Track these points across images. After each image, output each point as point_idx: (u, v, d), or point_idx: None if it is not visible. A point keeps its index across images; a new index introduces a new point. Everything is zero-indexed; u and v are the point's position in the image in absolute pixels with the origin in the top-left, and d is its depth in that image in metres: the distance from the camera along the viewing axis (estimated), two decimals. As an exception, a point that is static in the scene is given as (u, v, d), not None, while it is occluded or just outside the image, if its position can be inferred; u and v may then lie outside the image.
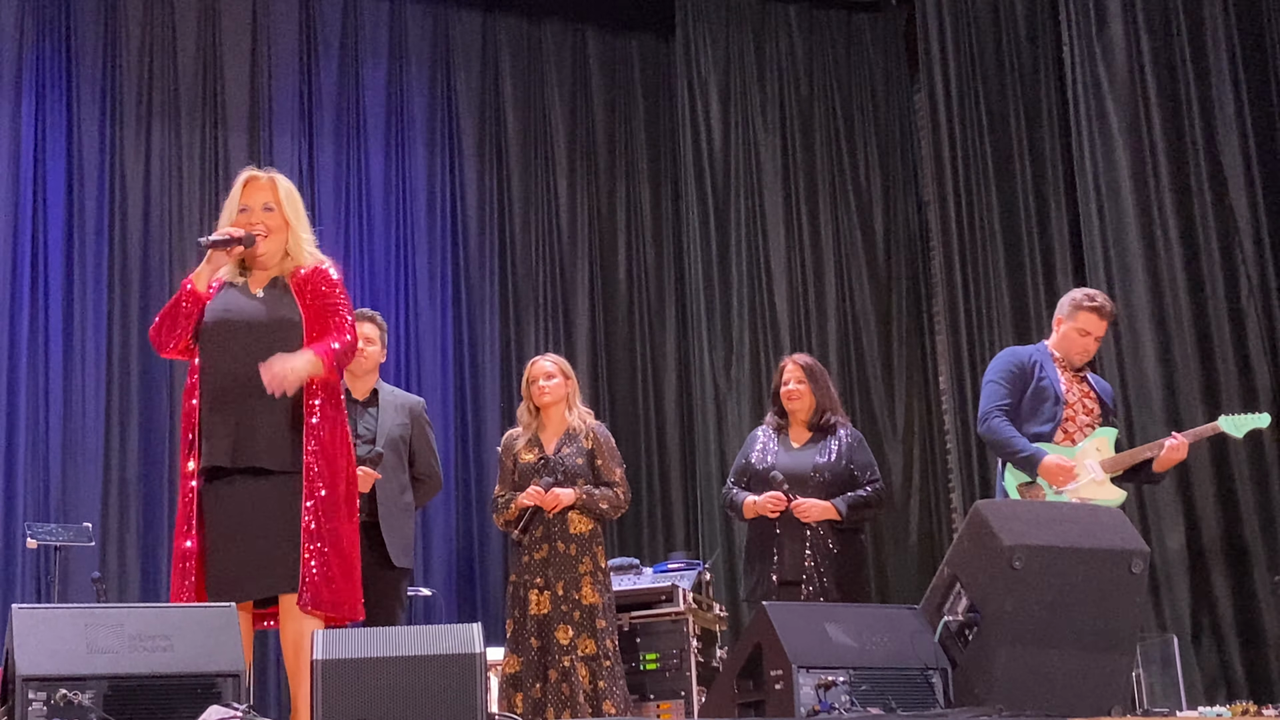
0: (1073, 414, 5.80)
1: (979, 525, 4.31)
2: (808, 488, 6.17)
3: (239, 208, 4.56)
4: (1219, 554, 7.23)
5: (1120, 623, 4.32)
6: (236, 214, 4.56)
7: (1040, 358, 5.89)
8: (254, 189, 4.59)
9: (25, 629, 3.49)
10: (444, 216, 9.29)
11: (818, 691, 4.01)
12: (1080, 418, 5.81)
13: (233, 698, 3.51)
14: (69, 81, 8.48)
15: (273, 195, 4.58)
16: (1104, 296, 6.04)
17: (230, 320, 4.46)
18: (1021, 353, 6.00)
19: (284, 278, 4.56)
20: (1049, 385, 5.79)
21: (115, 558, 8.02)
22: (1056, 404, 5.76)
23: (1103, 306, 5.93)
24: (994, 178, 8.75)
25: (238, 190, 4.60)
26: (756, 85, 9.71)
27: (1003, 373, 5.89)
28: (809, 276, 9.51)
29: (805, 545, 6.12)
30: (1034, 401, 5.79)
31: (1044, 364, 5.86)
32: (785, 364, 6.49)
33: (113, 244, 8.42)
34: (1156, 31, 7.76)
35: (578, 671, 5.78)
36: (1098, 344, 5.98)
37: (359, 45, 9.26)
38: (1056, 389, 5.79)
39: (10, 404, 7.99)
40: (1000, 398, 5.83)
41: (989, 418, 5.81)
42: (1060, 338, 5.93)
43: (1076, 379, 5.90)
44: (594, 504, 6.02)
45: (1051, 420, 5.75)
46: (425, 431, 6.22)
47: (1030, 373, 5.82)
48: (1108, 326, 5.98)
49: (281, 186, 4.61)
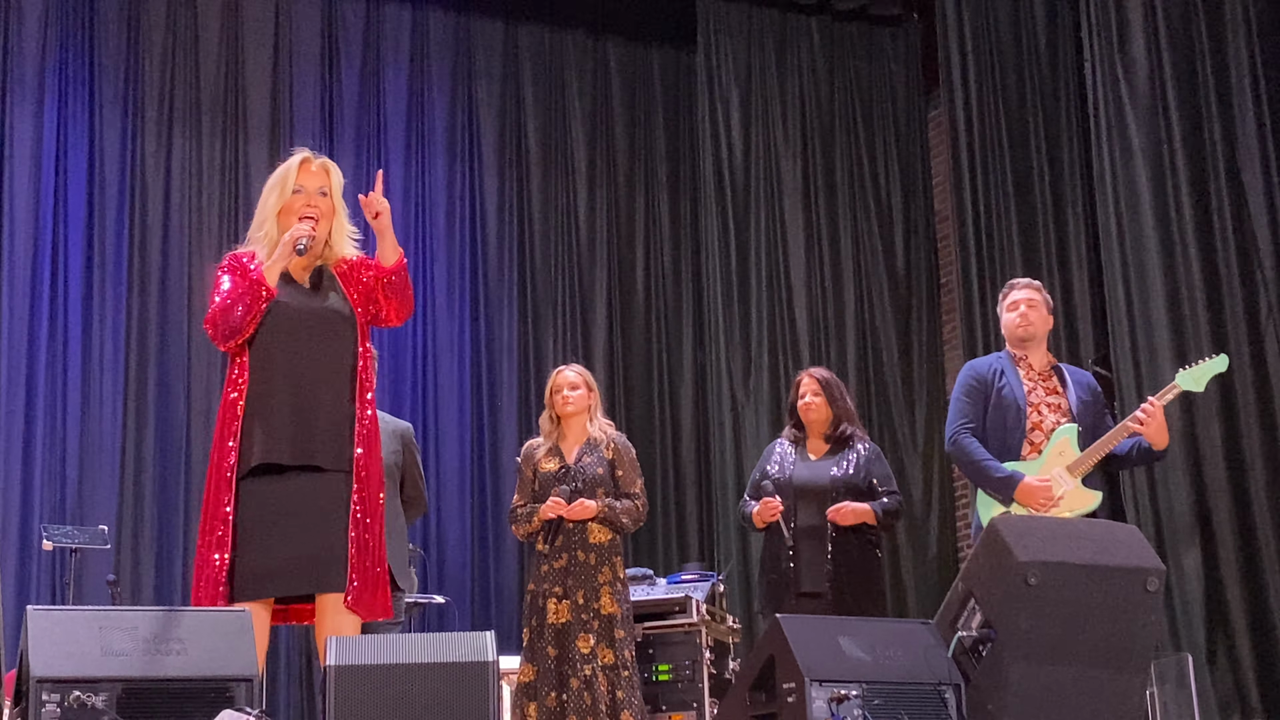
0: (1039, 419, 5.72)
1: (994, 541, 4.30)
2: (826, 500, 6.21)
3: (294, 188, 4.46)
4: (1235, 572, 7.20)
5: (1135, 641, 4.30)
6: (290, 194, 4.46)
7: (1000, 364, 5.84)
8: (310, 172, 4.49)
9: (40, 631, 3.50)
10: (463, 224, 9.31)
11: (830, 705, 4.01)
12: (1047, 420, 5.72)
13: (246, 702, 3.52)
14: (91, 87, 8.51)
15: (327, 180, 4.50)
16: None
17: (285, 315, 4.37)
18: (980, 364, 5.97)
19: (329, 267, 4.50)
20: (1009, 393, 5.73)
21: (130, 561, 8.04)
22: (1019, 412, 5.69)
23: (1016, 281, 6.04)
24: (1013, 193, 8.74)
25: (293, 171, 4.48)
26: (777, 97, 9.71)
27: (963, 387, 5.86)
28: (828, 288, 9.51)
29: (824, 557, 6.14)
30: (997, 414, 5.73)
31: (1004, 370, 5.80)
32: (801, 377, 6.58)
33: (132, 249, 8.45)
34: (1178, 49, 7.75)
35: (595, 682, 5.77)
36: (1034, 310, 5.88)
37: (380, 53, 9.29)
38: (1017, 395, 5.72)
39: (29, 406, 8.01)
40: (964, 415, 5.80)
41: (956, 437, 5.79)
42: (1004, 329, 5.94)
43: (1043, 378, 5.83)
44: (615, 517, 6.02)
45: (1017, 429, 5.68)
46: (415, 456, 6.30)
47: (990, 384, 5.78)
48: (1035, 293, 5.92)
49: (334, 173, 4.53)
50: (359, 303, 4.47)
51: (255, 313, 4.33)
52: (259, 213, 4.55)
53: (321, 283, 4.48)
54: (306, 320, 4.38)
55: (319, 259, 4.49)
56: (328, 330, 4.40)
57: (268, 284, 4.34)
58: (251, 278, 4.35)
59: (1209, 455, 7.32)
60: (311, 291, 4.44)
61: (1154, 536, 7.29)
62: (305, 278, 4.47)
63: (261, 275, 4.35)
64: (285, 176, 4.49)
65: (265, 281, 4.34)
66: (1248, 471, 7.20)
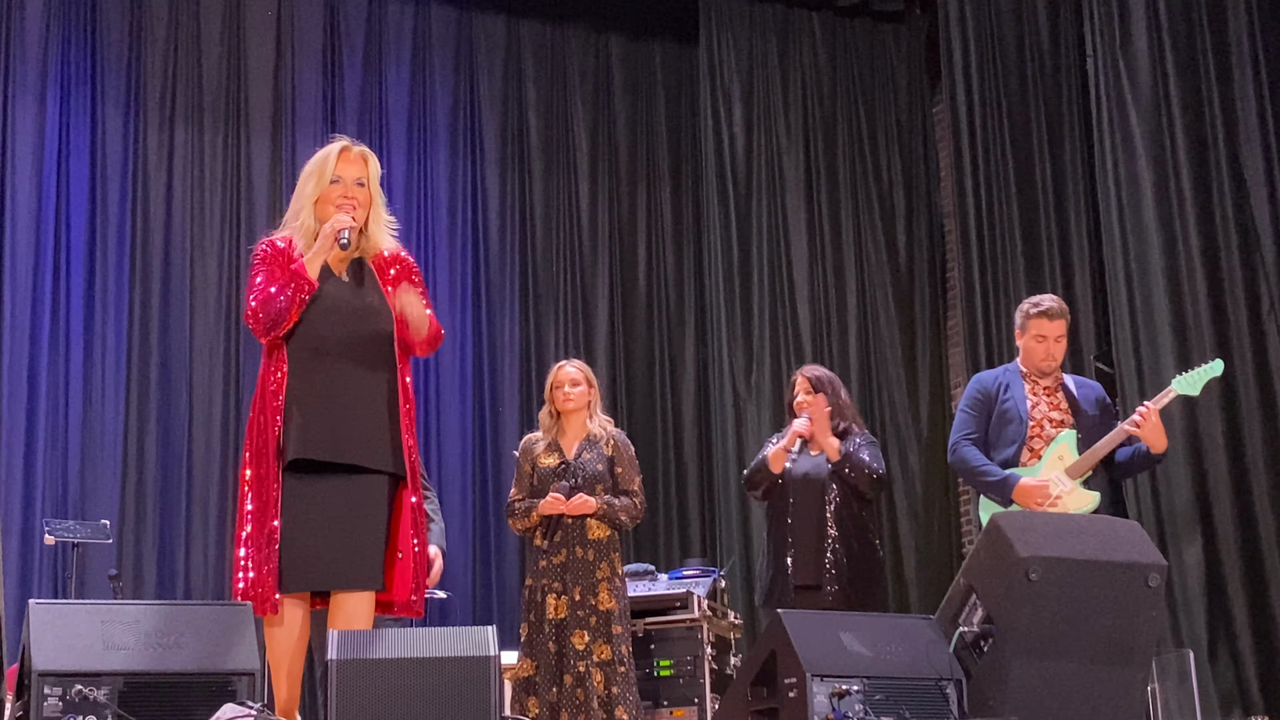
0: (1039, 430, 5.77)
1: (996, 536, 4.30)
2: (824, 493, 6.26)
3: (331, 178, 4.40)
4: (1236, 568, 7.20)
5: (1136, 636, 4.30)
6: (328, 183, 4.40)
7: (1007, 378, 5.91)
8: (348, 161, 4.43)
9: (42, 624, 3.50)
10: (465, 219, 9.31)
11: (832, 700, 4.01)
12: (1048, 430, 5.78)
13: (247, 696, 3.52)
14: (93, 81, 8.52)
15: (364, 170, 4.44)
16: (1050, 298, 6.04)
17: (325, 309, 4.31)
18: (986, 378, 6.04)
19: (366, 260, 4.45)
20: (1012, 406, 5.80)
21: (132, 555, 8.05)
22: (1020, 424, 5.76)
23: (1050, 309, 5.92)
24: (1015, 188, 8.73)
25: (331, 159, 4.42)
26: (779, 92, 9.70)
27: (968, 400, 5.97)
28: (830, 283, 9.51)
29: (824, 550, 6.16)
30: (999, 425, 5.81)
31: (1010, 384, 5.87)
32: (795, 377, 6.62)
33: (134, 244, 8.45)
34: (1180, 43, 7.74)
35: (593, 677, 5.78)
36: (1060, 344, 5.92)
37: (382, 48, 9.29)
38: (1020, 409, 5.79)
39: (31, 401, 8.02)
40: (967, 426, 5.90)
41: (957, 447, 5.90)
42: (1023, 352, 5.94)
43: (1048, 390, 5.87)
44: (614, 514, 6.01)
45: (1015, 442, 5.75)
46: None
47: (994, 397, 5.85)
48: (1064, 324, 5.93)
49: (373, 162, 4.47)
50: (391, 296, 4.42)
51: (297, 305, 4.27)
52: (295, 200, 4.50)
53: (361, 276, 4.43)
54: (347, 315, 4.33)
55: (358, 250, 4.44)
56: (368, 325, 4.35)
57: (309, 277, 4.28)
58: (292, 270, 4.29)
59: (1210, 451, 7.32)
60: (351, 285, 4.39)
61: (1155, 532, 7.29)
62: (344, 270, 4.42)
63: (302, 268, 4.29)
64: (323, 165, 4.43)
65: (306, 274, 4.28)
66: (1249, 467, 7.20)
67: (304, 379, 4.28)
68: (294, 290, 4.26)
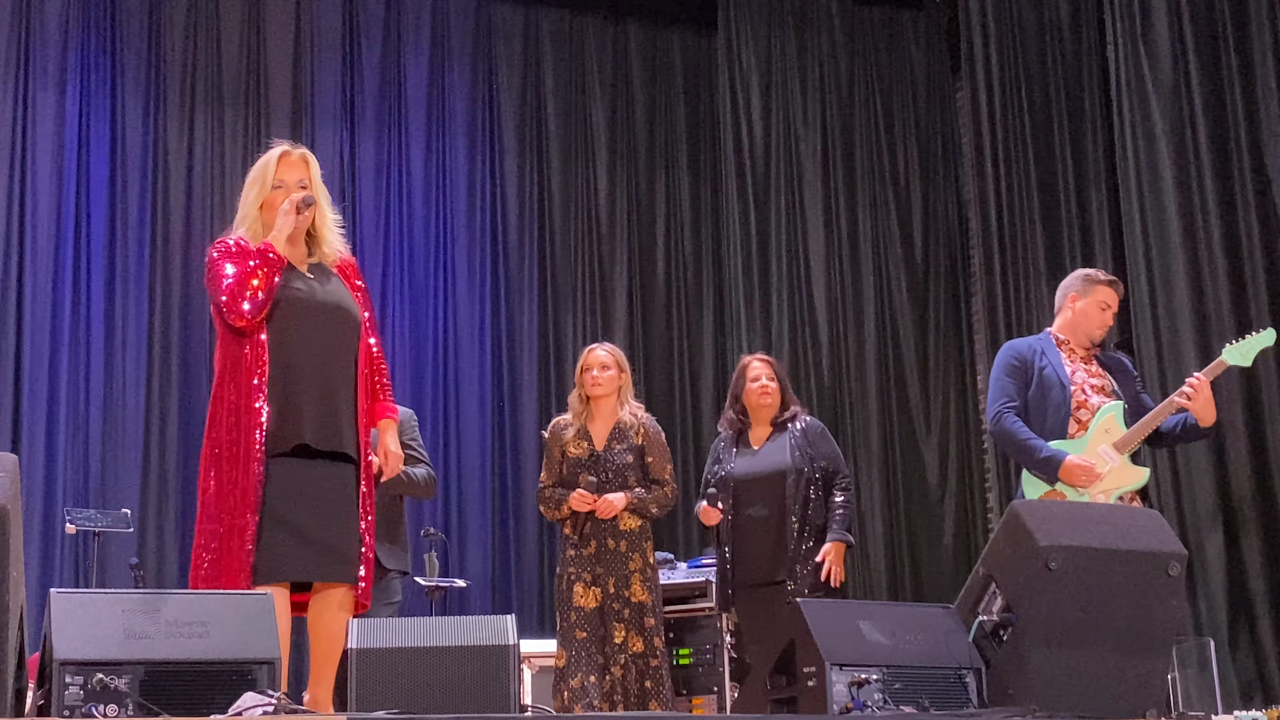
0: (1084, 398, 5.59)
1: (1015, 525, 4.29)
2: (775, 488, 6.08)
3: (274, 183, 4.46)
4: (1257, 557, 7.18)
5: (1156, 625, 4.29)
6: (271, 189, 4.46)
7: (1041, 345, 5.73)
8: (289, 165, 4.50)
9: (63, 613, 3.51)
10: (484, 208, 9.32)
11: (851, 689, 4.00)
12: (1092, 400, 5.60)
13: (268, 685, 3.53)
14: (113, 71, 8.54)
15: (306, 172, 4.50)
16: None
17: (302, 299, 4.36)
18: (1021, 344, 5.84)
19: (325, 263, 4.50)
20: (1051, 372, 5.61)
21: (153, 544, 8.08)
22: (1062, 390, 5.57)
23: (1116, 280, 5.84)
24: (1035, 176, 8.71)
25: (271, 165, 4.48)
26: (797, 80, 9.69)
27: (1005, 367, 5.71)
28: (847, 272, 9.49)
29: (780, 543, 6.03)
30: (1040, 392, 5.60)
31: (1046, 351, 5.68)
32: (749, 361, 6.41)
33: (154, 233, 8.48)
34: (1201, 30, 7.71)
35: (629, 671, 5.74)
36: (1114, 318, 5.85)
37: (401, 37, 9.30)
38: (1060, 374, 5.60)
39: (52, 390, 8.05)
40: (1006, 394, 5.65)
41: (999, 417, 5.63)
42: (1077, 315, 5.74)
43: (1084, 359, 5.72)
44: (645, 507, 5.94)
45: (1062, 407, 5.56)
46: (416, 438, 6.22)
47: (1031, 364, 5.64)
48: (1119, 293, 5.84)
49: (314, 164, 4.53)
50: (362, 305, 4.52)
51: (272, 279, 4.31)
52: (241, 208, 4.55)
53: (326, 275, 4.49)
54: (319, 308, 4.39)
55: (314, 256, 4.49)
56: (339, 318, 4.42)
57: (278, 252, 4.34)
58: (258, 250, 4.35)
59: (1232, 440, 7.30)
60: (317, 281, 4.44)
61: (1176, 521, 7.27)
62: (306, 268, 4.46)
63: (269, 246, 4.35)
64: (265, 171, 4.50)
65: (275, 249, 4.34)
66: (1271, 456, 7.18)
67: (285, 369, 4.31)
68: (268, 268, 4.31)
